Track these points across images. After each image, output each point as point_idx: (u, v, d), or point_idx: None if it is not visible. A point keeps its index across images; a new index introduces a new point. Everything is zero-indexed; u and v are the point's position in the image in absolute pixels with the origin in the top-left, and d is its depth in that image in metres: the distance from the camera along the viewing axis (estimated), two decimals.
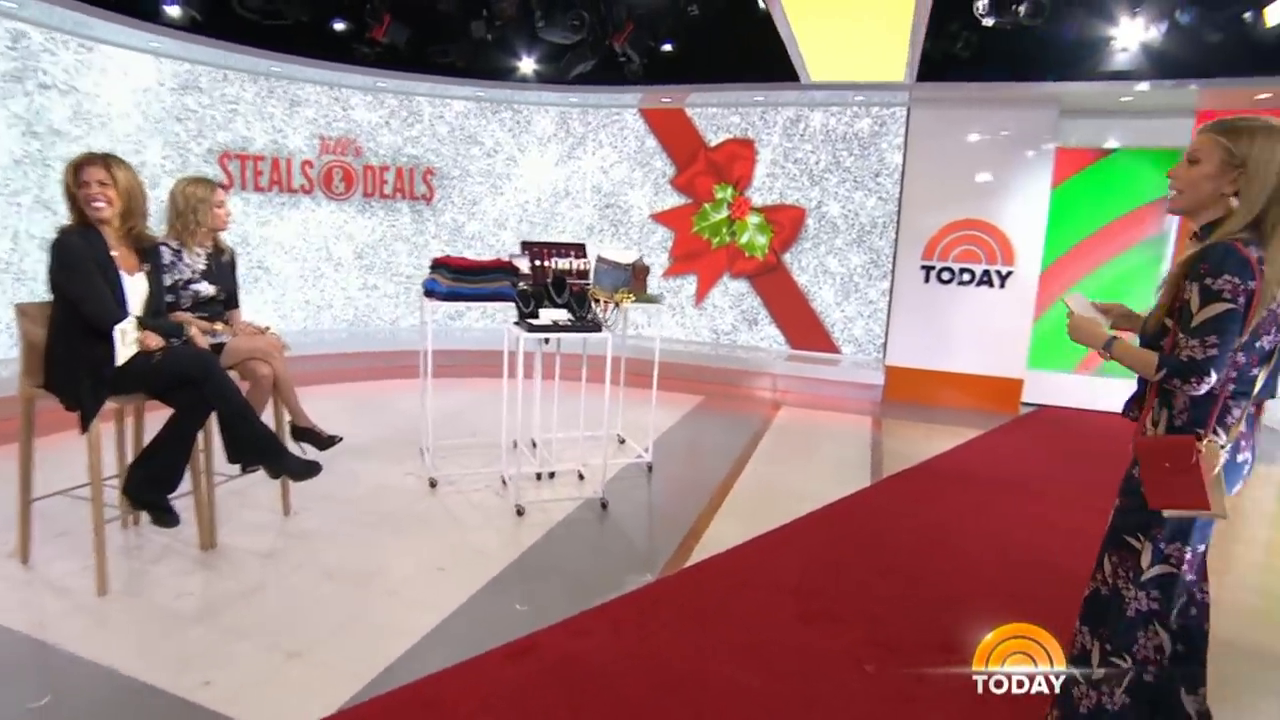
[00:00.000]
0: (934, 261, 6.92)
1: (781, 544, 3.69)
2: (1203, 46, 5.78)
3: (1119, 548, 1.92)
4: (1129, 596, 1.87)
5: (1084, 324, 1.93)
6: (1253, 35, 5.68)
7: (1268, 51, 5.65)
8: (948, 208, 6.86)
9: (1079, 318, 1.94)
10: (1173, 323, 1.75)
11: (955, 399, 6.95)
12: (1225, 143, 1.73)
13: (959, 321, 6.93)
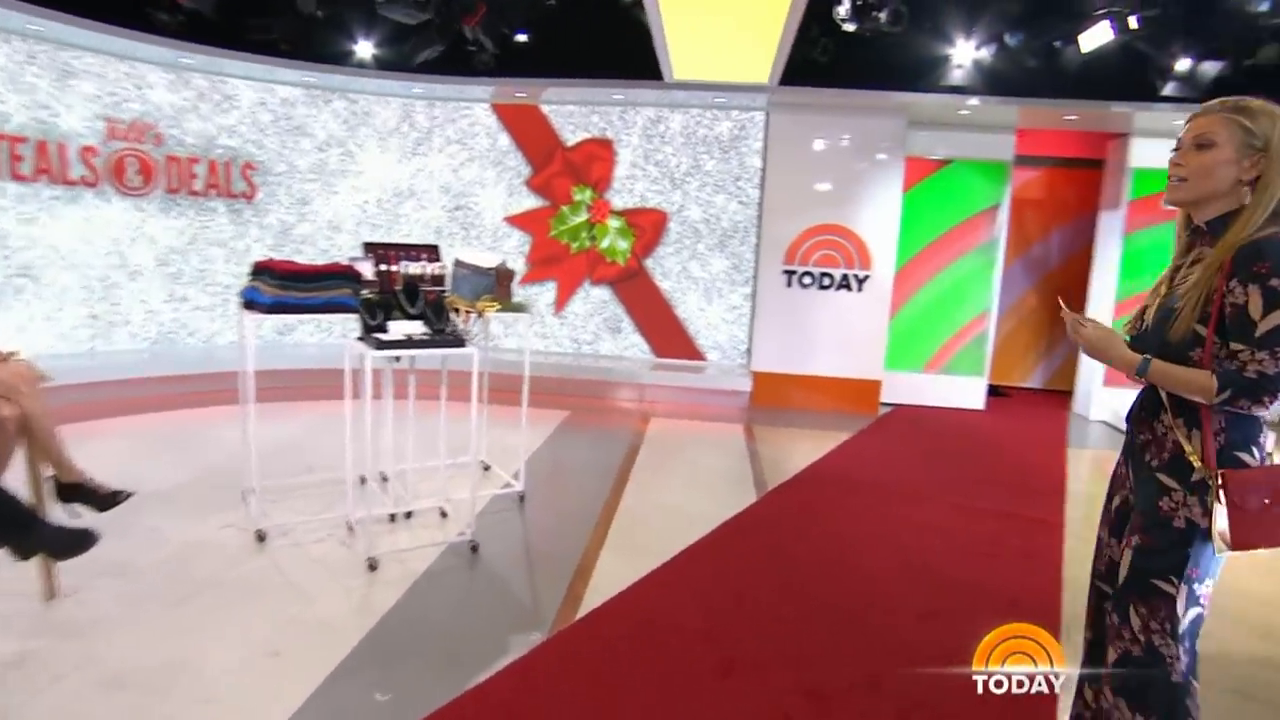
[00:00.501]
0: (795, 266, 6.85)
1: (680, 579, 3.29)
2: (1023, 69, 6.09)
3: (1147, 596, 1.60)
4: (1170, 655, 1.57)
5: (1106, 343, 1.64)
6: (1063, 62, 6.04)
7: (1075, 78, 6.03)
8: (807, 213, 6.81)
9: (1098, 336, 1.66)
10: (1209, 331, 1.50)
11: (819, 402, 6.93)
12: (1244, 122, 1.50)
13: (821, 325, 6.91)
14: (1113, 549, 1.81)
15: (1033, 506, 4.58)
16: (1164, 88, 6.11)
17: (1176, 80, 6.08)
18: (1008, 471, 5.40)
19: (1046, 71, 6.09)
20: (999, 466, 5.55)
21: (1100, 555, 1.87)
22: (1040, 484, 5.13)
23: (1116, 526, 1.81)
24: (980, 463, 5.62)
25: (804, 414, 6.73)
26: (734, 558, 3.55)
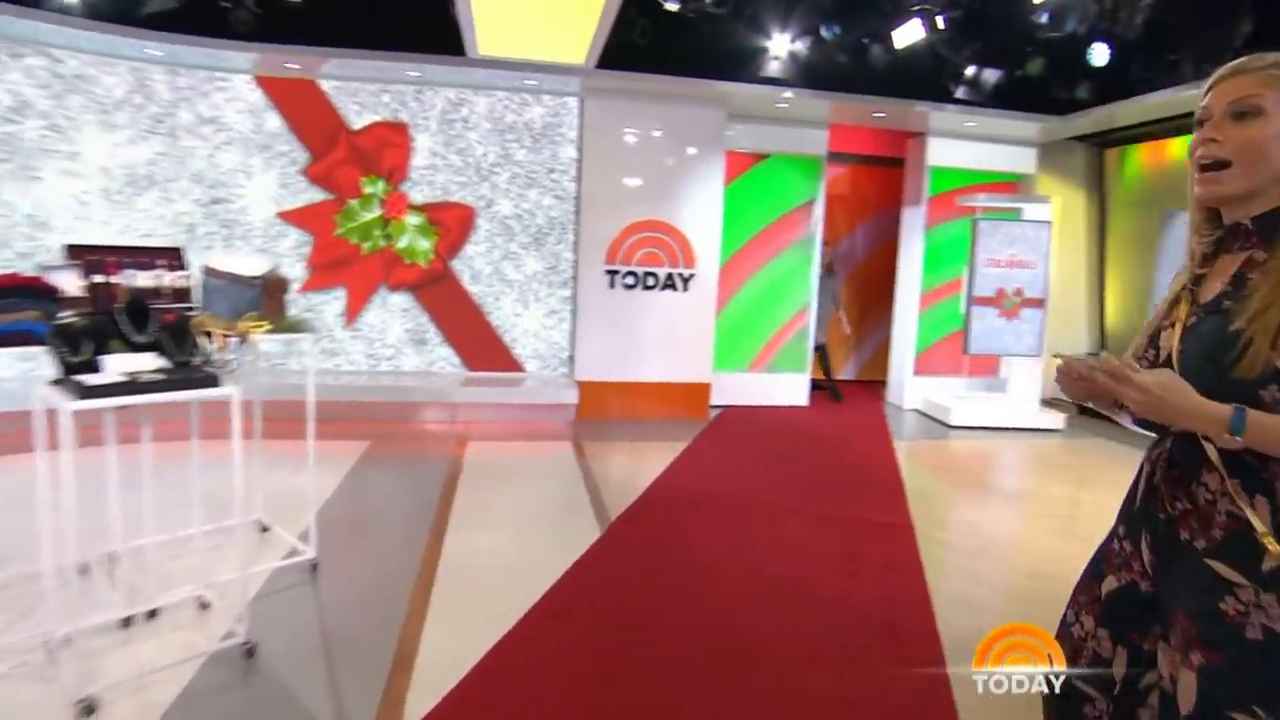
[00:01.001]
0: (617, 265, 6.43)
1: (531, 656, 2.69)
2: (836, 64, 6.12)
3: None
4: None
5: (1178, 392, 1.18)
6: (872, 59, 6.15)
7: (882, 75, 6.17)
8: (628, 208, 6.42)
9: (1163, 383, 1.18)
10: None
11: (650, 409, 6.59)
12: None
13: (647, 328, 6.55)
14: (1099, 643, 1.44)
15: (879, 508, 4.51)
16: (955, 90, 6.43)
17: (965, 84, 6.41)
18: (846, 470, 5.36)
19: (857, 67, 6.16)
20: (837, 466, 5.50)
21: (1081, 649, 1.49)
22: (879, 480, 5.13)
23: (1111, 617, 1.44)
24: (818, 463, 5.55)
25: (635, 424, 6.36)
26: (590, 616, 3.01)
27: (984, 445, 6.36)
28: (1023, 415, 6.90)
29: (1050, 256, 6.77)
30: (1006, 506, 4.81)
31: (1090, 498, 4.94)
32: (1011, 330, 6.82)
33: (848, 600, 3.29)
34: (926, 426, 6.91)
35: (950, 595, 3.38)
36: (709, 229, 6.60)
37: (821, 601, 3.25)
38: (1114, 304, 7.97)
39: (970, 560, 3.81)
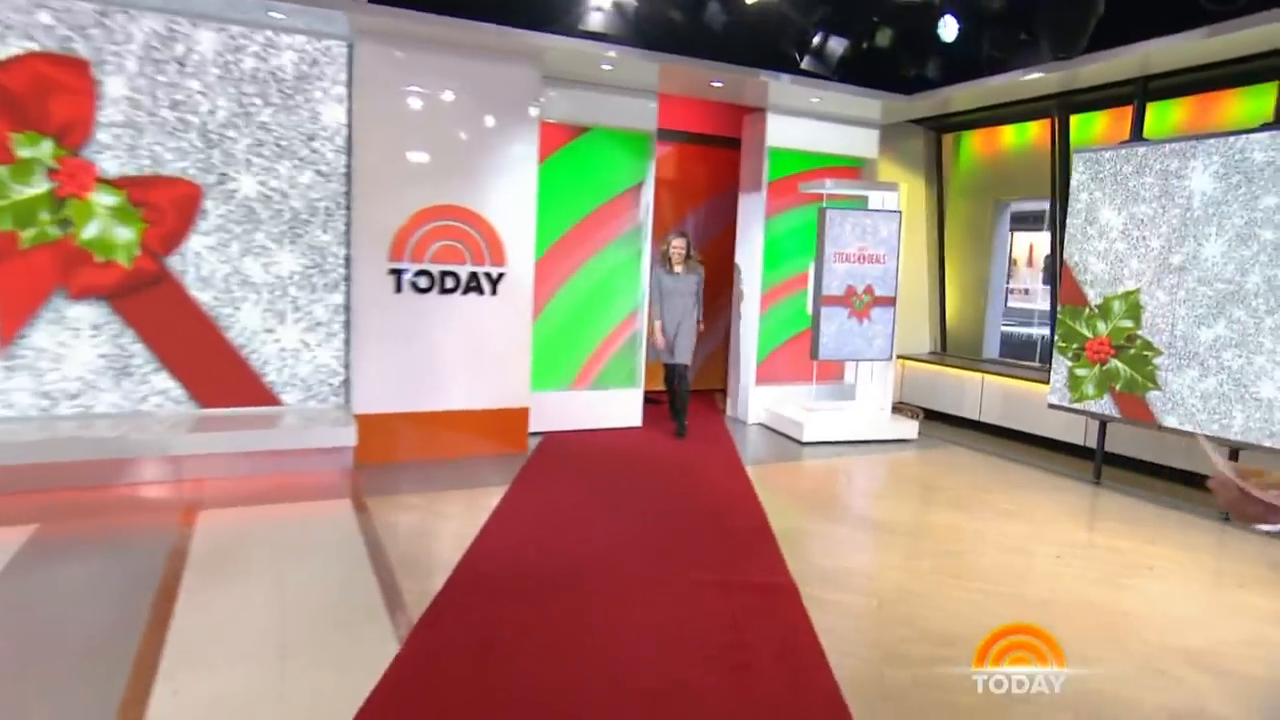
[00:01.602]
0: (405, 263, 5.44)
1: None
2: (670, 21, 5.60)
3: None
4: None
5: None
6: (711, 19, 5.68)
7: (721, 38, 5.75)
8: (418, 189, 5.45)
9: None
10: None
11: (453, 445, 5.73)
12: None
13: (446, 342, 5.64)
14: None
15: (752, 563, 4.02)
16: (802, 60, 6.14)
17: (812, 54, 6.13)
18: (703, 512, 4.82)
19: (694, 27, 5.67)
20: (691, 506, 4.95)
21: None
22: (741, 522, 4.67)
23: None
24: (668, 503, 4.98)
25: (435, 466, 5.47)
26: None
27: (842, 464, 6.18)
28: (876, 426, 6.84)
29: (900, 250, 6.72)
30: (890, 546, 4.49)
31: (971, 525, 4.77)
32: (862, 333, 6.69)
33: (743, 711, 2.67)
34: (776, 445, 6.65)
35: (864, 684, 2.88)
36: (521, 217, 5.81)
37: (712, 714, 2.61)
38: (953, 301, 8.21)
39: (874, 629, 3.36)
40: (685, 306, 6.47)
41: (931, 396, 7.73)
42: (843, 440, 6.67)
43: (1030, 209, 7.94)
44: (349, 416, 5.29)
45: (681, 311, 6.47)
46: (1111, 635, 3.41)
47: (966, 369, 7.47)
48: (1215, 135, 4.97)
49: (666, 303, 6.45)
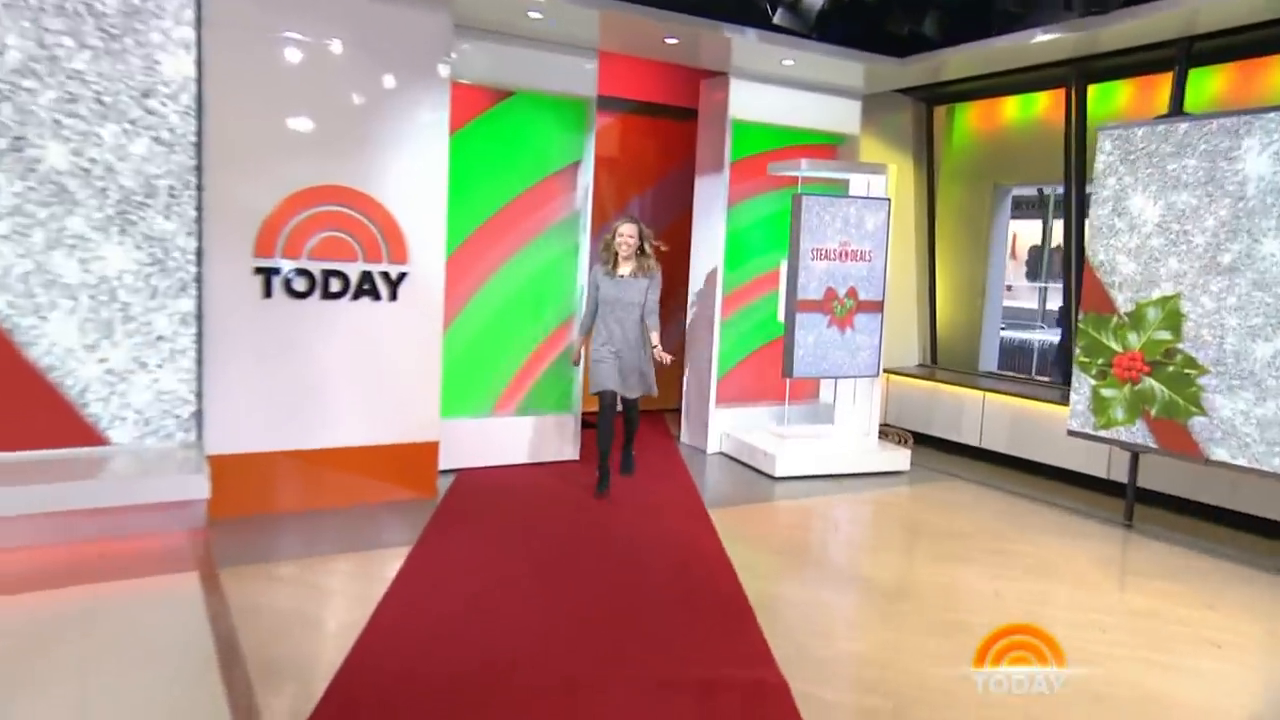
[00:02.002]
0: (277, 260, 4.76)
1: None
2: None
3: None
4: None
5: None
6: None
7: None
8: (292, 165, 4.80)
9: None
10: None
11: (341, 493, 5.11)
12: None
13: (332, 361, 5.01)
14: None
15: (729, 648, 3.54)
16: (773, 14, 5.65)
17: (784, 7, 5.65)
18: (661, 573, 4.31)
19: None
20: (645, 565, 4.41)
21: None
22: (711, 587, 4.18)
23: None
24: (618, 563, 4.47)
25: (317, 520, 4.87)
26: None
27: (823, 505, 5.75)
28: (861, 456, 6.45)
29: (889, 245, 6.29)
30: (894, 618, 3.95)
31: (987, 585, 4.29)
32: (845, 344, 6.26)
33: None
34: (743, 481, 6.21)
35: None
36: (428, 202, 5.20)
37: None
38: (945, 304, 7.86)
39: None
40: (633, 322, 5.42)
41: (923, 418, 7.42)
42: (822, 474, 6.25)
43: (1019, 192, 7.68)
44: (200, 459, 4.51)
45: (629, 330, 5.41)
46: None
47: (963, 385, 7.17)
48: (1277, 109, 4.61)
49: (608, 317, 5.41)
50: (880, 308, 6.37)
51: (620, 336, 5.41)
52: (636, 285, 5.41)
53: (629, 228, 5.39)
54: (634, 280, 5.42)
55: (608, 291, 5.42)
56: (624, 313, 5.41)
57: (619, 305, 5.40)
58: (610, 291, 5.41)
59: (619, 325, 5.41)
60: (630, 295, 5.40)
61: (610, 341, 5.41)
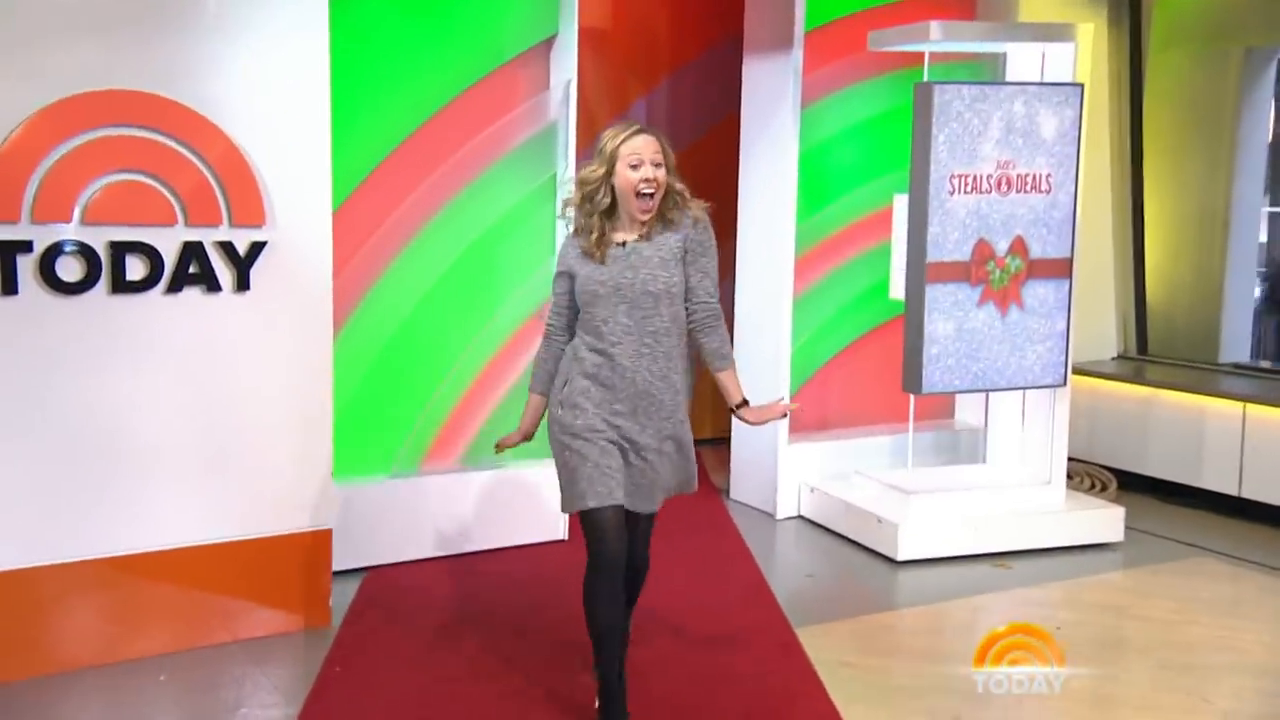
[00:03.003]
0: (20, 228, 4.33)
1: None
2: None
3: None
4: None
5: None
6: None
7: None
8: (46, 58, 4.35)
9: None
10: None
11: (165, 633, 4.79)
12: None
13: (134, 400, 4.63)
14: None
15: None
16: None
17: None
18: None
19: None
20: None
21: None
22: None
23: None
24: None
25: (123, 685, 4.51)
26: None
27: (981, 614, 5.38)
28: (1039, 517, 6.17)
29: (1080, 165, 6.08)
30: None
31: None
32: (1008, 333, 6.04)
33: None
34: (843, 568, 6.14)
35: None
36: (300, 121, 4.86)
37: None
38: (1158, 254, 7.83)
39: None
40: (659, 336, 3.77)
41: (1133, 449, 7.35)
42: (974, 554, 5.99)
43: None
44: None
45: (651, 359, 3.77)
46: None
47: (1202, 391, 7.01)
48: None
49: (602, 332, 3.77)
50: (1068, 270, 6.15)
51: (629, 375, 3.72)
52: (660, 254, 3.76)
53: (645, 141, 3.72)
54: (652, 245, 3.78)
55: (596, 278, 3.77)
56: (638, 318, 3.74)
57: (625, 302, 3.73)
58: (603, 276, 3.76)
59: (629, 349, 3.73)
60: (649, 277, 3.72)
61: (610, 389, 3.75)
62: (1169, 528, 6.69)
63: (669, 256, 3.73)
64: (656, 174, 3.58)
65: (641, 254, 3.72)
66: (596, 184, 3.70)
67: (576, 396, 3.71)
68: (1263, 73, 7.80)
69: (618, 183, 3.64)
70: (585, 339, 3.78)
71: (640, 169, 3.57)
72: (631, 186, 3.58)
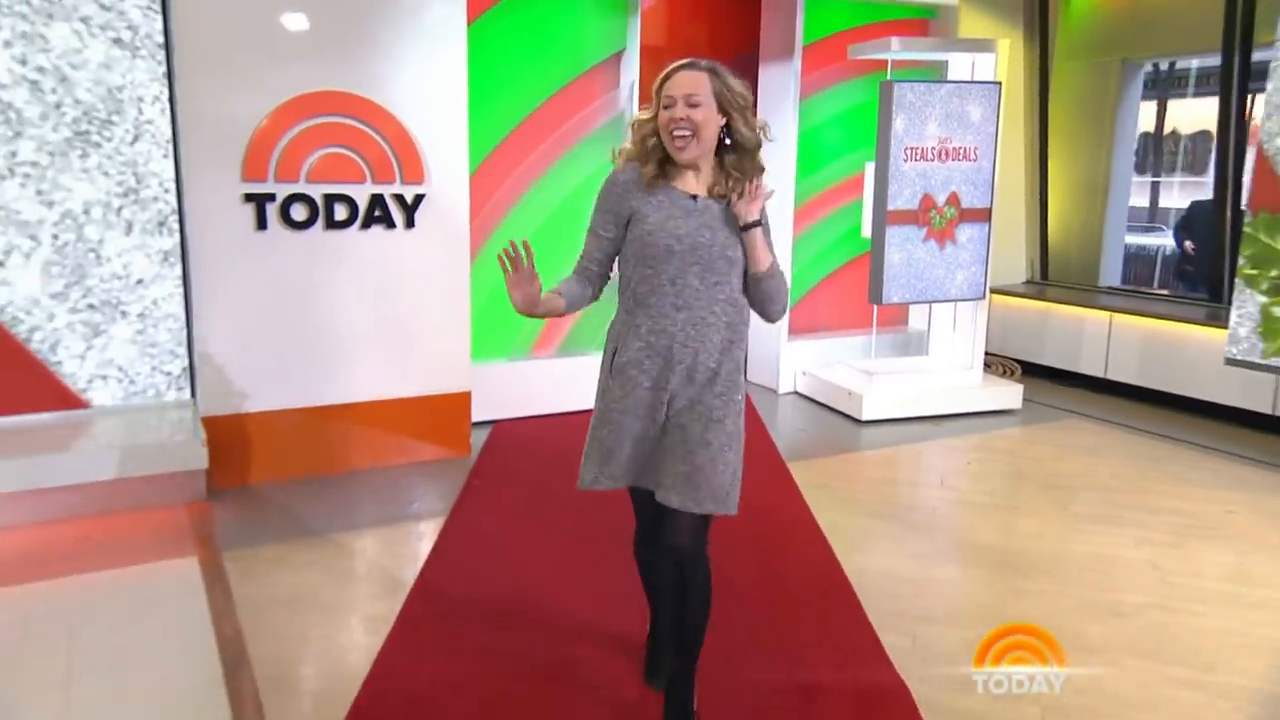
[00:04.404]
0: (268, 185, 4.55)
1: None
2: None
3: None
4: None
5: None
6: None
7: None
8: (283, 69, 4.54)
9: None
10: None
11: (361, 454, 5.03)
12: None
13: (343, 301, 4.88)
14: None
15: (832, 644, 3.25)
16: None
17: None
18: (741, 546, 3.93)
19: None
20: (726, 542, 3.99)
21: None
22: (801, 567, 3.91)
23: None
24: None
25: (334, 488, 4.77)
26: None
27: (922, 454, 5.54)
28: (964, 393, 6.26)
29: (998, 140, 5.98)
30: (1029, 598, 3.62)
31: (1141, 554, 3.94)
32: (944, 261, 6.02)
33: None
34: (824, 425, 6.10)
35: None
36: (447, 110, 4.95)
37: None
38: (1059, 209, 7.74)
39: None
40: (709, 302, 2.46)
41: (1033, 346, 7.34)
42: (917, 416, 6.08)
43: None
44: (195, 421, 4.35)
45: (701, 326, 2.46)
46: None
47: (1083, 305, 6.98)
48: None
49: (670, 283, 2.46)
50: (988, 216, 6.10)
51: (692, 342, 2.44)
52: (731, 223, 2.47)
53: (682, 80, 2.42)
54: (723, 210, 2.48)
55: (672, 230, 2.44)
56: (710, 283, 2.45)
57: (699, 264, 2.44)
58: (680, 229, 2.45)
59: (695, 315, 2.44)
60: (727, 241, 2.46)
61: (662, 353, 2.45)
62: (1055, 400, 6.73)
63: (726, 217, 2.44)
64: (690, 114, 2.33)
65: (715, 214, 2.44)
66: (648, 126, 2.48)
67: (630, 368, 2.45)
68: (1133, 79, 7.66)
69: (660, 124, 2.42)
70: (643, 299, 2.44)
71: (672, 108, 2.36)
72: (664, 127, 2.38)
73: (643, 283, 2.45)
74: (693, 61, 2.43)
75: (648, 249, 2.42)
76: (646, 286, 2.44)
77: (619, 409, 2.47)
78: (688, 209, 2.43)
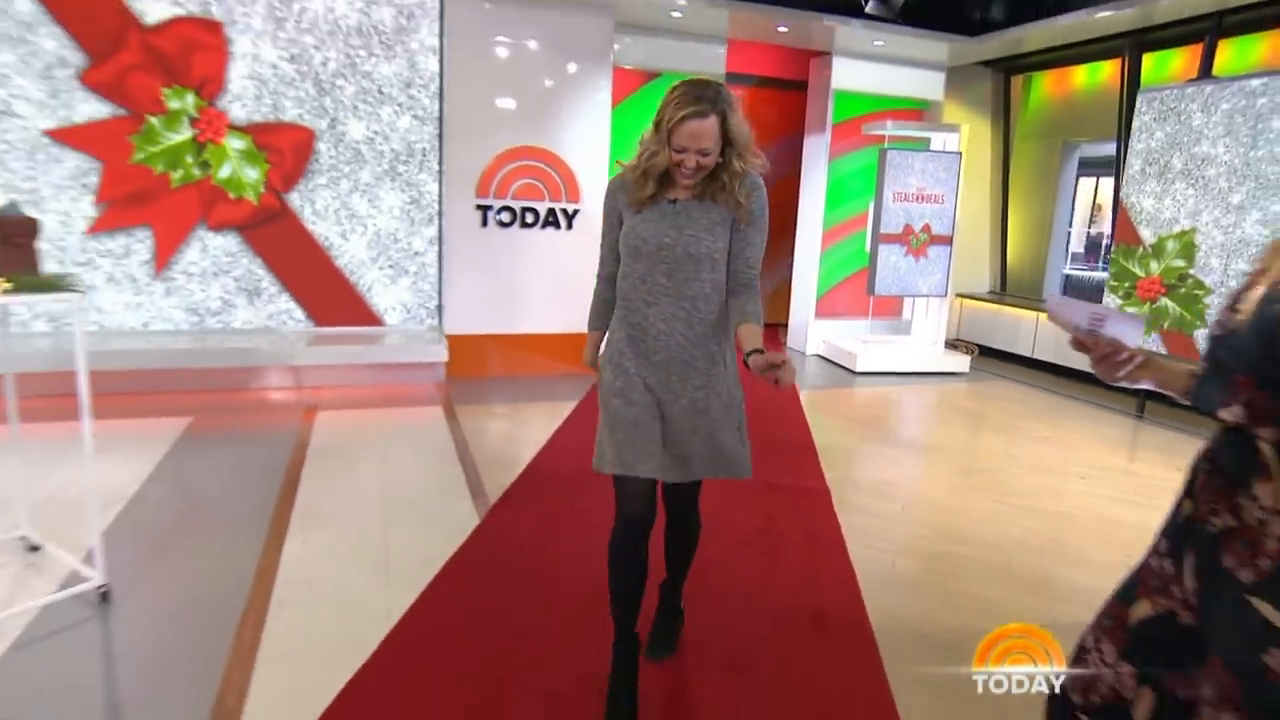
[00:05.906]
0: (490, 200, 5.84)
1: (400, 693, 2.24)
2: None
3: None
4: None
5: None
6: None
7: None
8: (501, 132, 5.80)
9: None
10: None
11: (531, 365, 6.14)
12: None
13: (526, 272, 6.04)
14: (1120, 680, 1.20)
15: (793, 471, 4.28)
16: (865, 3, 6.14)
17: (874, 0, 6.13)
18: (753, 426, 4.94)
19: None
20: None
21: (1095, 684, 1.25)
22: (788, 436, 4.91)
23: (1139, 650, 1.19)
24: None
25: (514, 382, 5.91)
26: (465, 626, 2.58)
27: (890, 392, 6.33)
28: (928, 359, 6.92)
29: (959, 190, 6.71)
30: (926, 464, 4.71)
31: (1007, 449, 4.94)
32: (918, 269, 6.76)
33: (770, 587, 3.03)
34: (831, 373, 6.82)
35: (876, 569, 3.19)
36: (595, 157, 6.07)
37: (742, 593, 2.96)
38: (1015, 241, 8.12)
39: (895, 528, 3.64)
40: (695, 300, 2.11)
41: (988, 334, 7.73)
42: (895, 371, 6.78)
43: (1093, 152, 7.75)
44: (441, 336, 5.77)
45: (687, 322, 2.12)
46: (1124, 548, 3.50)
47: (1022, 307, 7.41)
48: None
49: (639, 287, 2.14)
50: (949, 241, 6.76)
51: (662, 339, 2.13)
52: (710, 216, 2.10)
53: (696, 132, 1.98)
54: (703, 207, 2.10)
55: (640, 232, 2.12)
56: (678, 280, 2.11)
57: (665, 263, 2.10)
58: (647, 232, 2.11)
59: (664, 310, 2.12)
60: (692, 239, 2.08)
61: (643, 351, 2.15)
62: (996, 369, 7.16)
63: (718, 220, 2.08)
64: (701, 161, 1.99)
65: (690, 214, 2.08)
66: (657, 158, 2.03)
67: (618, 356, 2.16)
68: (1071, 156, 7.78)
69: (669, 159, 2.01)
70: (625, 293, 2.16)
71: (684, 154, 1.98)
72: (673, 164, 2.01)
73: (624, 279, 2.16)
74: (701, 107, 1.96)
75: (624, 249, 2.14)
76: (627, 283, 2.15)
77: (614, 393, 2.12)
78: (663, 211, 2.08)
